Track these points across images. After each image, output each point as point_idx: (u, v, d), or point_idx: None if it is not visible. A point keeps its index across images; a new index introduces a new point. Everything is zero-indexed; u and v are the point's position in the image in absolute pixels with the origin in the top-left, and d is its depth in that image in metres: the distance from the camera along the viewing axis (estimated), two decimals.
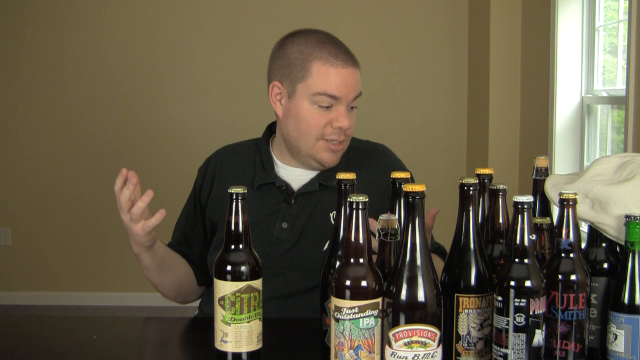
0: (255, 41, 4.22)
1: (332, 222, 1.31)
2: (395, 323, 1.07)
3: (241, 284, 1.20)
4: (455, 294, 1.16)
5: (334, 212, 1.28)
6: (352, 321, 1.08)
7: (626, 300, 1.15)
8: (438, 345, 1.08)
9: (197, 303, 1.80)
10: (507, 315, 1.10)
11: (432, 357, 1.07)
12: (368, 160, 1.73)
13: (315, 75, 1.61)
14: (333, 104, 1.61)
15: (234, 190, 1.22)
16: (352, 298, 1.08)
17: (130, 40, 4.39)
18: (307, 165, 1.69)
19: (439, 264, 1.25)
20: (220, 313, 1.21)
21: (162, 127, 4.41)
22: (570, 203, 1.16)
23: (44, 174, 4.46)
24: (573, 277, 1.14)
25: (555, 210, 1.23)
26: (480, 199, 1.26)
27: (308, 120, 1.63)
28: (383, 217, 1.18)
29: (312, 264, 1.53)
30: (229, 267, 1.21)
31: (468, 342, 1.16)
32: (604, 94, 3.20)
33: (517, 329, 1.09)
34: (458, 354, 1.16)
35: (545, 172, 1.33)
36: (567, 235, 1.15)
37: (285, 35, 1.68)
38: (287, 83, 1.65)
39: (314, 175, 1.70)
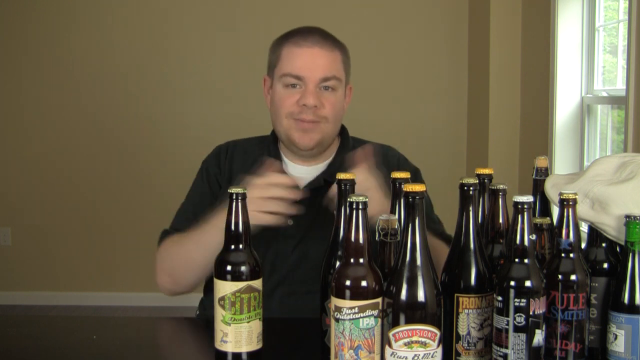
0: (261, 40, 4.20)
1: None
2: (395, 323, 1.07)
3: (241, 284, 1.20)
4: (455, 294, 1.16)
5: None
6: (352, 321, 1.08)
7: (626, 300, 1.15)
8: (438, 345, 1.08)
9: (197, 303, 1.80)
10: (507, 315, 1.10)
11: (432, 357, 1.07)
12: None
13: (283, 58, 1.67)
14: (298, 83, 1.65)
15: (233, 190, 1.22)
16: (352, 298, 1.08)
17: (134, 40, 4.39)
18: (294, 152, 1.71)
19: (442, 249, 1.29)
20: (220, 313, 1.21)
21: (163, 126, 4.41)
22: (570, 203, 1.16)
23: (44, 173, 4.46)
24: (573, 277, 1.14)
25: (555, 210, 1.23)
26: (480, 199, 1.26)
27: (278, 101, 1.68)
28: (383, 217, 1.18)
29: (318, 260, 1.52)
30: (228, 267, 1.21)
31: (468, 342, 1.15)
32: (604, 94, 3.20)
33: (517, 329, 1.09)
34: (458, 354, 1.16)
35: (545, 172, 1.33)
36: (567, 235, 1.15)
37: None
38: (270, 74, 1.72)
39: (319, 172, 1.72)
